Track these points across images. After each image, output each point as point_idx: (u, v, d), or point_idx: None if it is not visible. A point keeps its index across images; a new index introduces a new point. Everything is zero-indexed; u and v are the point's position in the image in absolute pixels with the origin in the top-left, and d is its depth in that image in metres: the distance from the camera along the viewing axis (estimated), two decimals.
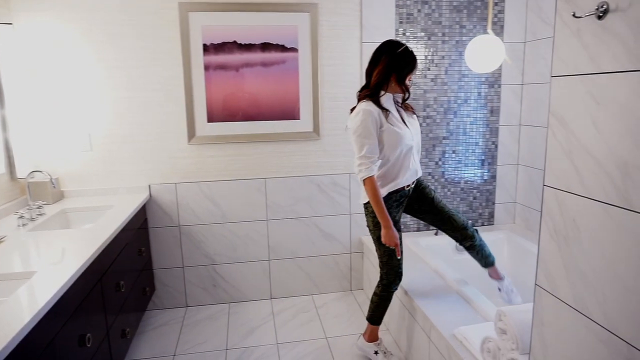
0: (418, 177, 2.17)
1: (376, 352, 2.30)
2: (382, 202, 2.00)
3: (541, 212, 1.25)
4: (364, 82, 2.68)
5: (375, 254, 2.22)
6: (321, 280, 3.16)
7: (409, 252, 2.84)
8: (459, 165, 3.21)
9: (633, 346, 0.97)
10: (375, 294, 2.27)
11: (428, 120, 3.10)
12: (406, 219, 3.19)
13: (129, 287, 2.28)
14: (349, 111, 2.10)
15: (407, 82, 2.00)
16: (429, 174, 3.17)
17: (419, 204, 2.27)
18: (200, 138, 2.80)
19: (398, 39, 2.93)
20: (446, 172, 3.20)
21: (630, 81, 0.93)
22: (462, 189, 3.25)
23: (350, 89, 2.94)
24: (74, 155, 2.70)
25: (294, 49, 2.80)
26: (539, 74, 2.98)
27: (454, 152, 3.18)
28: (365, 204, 2.17)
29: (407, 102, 2.13)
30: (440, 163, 3.18)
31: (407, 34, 2.95)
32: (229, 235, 2.96)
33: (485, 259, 2.34)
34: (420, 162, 3.13)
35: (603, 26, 0.99)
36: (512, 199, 3.34)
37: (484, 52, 2.35)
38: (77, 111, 2.66)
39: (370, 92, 2.00)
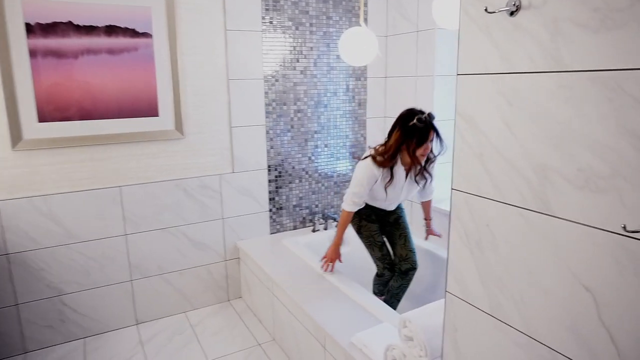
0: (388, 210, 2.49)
1: None
2: (344, 231, 2.37)
3: (450, 216, 1.20)
4: (230, 72, 2.53)
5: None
6: (194, 294, 2.85)
7: (288, 254, 2.71)
8: (331, 159, 3.18)
9: (554, 350, 0.96)
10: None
11: (299, 114, 2.99)
12: (280, 218, 3.06)
13: None
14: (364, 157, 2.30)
15: (417, 154, 2.13)
16: (303, 169, 3.07)
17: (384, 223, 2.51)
18: (30, 142, 2.23)
19: (264, 27, 2.74)
20: (319, 167, 3.14)
21: (547, 83, 0.90)
22: (335, 182, 3.23)
23: (216, 80, 2.66)
24: None
25: (147, 35, 2.40)
26: (400, 67, 3.09)
27: (325, 145, 3.13)
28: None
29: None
30: (313, 158, 3.10)
31: (274, 22, 2.77)
32: (79, 258, 2.45)
33: (396, 296, 2.44)
34: (295, 158, 3.05)
35: (515, 23, 0.95)
36: None
37: (358, 45, 2.30)
38: None
39: (385, 159, 2.17)
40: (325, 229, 3.11)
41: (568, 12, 0.84)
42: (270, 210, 3.01)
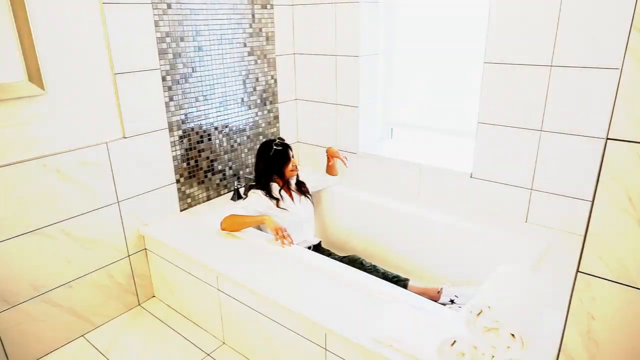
0: (310, 244, 2.29)
1: None
2: (251, 222, 2.09)
3: (599, 176, 0.88)
4: None
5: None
6: (93, 309, 2.09)
7: (218, 234, 2.13)
8: (242, 108, 2.58)
9: None
10: None
11: (201, 53, 2.28)
12: (191, 189, 2.41)
13: None
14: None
15: (287, 172, 2.23)
16: (212, 124, 2.42)
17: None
18: None
19: None
20: (230, 120, 2.52)
21: None
22: (248, 136, 2.67)
23: (81, 4, 1.79)
24: None
25: None
26: None
27: (233, 93, 2.51)
28: None
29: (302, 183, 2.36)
30: (222, 109, 2.46)
31: None
32: None
33: None
34: (202, 111, 2.41)
35: None
36: (295, 139, 2.99)
37: None
38: None
39: (259, 187, 2.22)
40: (247, 194, 2.56)
41: None
42: (178, 181, 2.33)
